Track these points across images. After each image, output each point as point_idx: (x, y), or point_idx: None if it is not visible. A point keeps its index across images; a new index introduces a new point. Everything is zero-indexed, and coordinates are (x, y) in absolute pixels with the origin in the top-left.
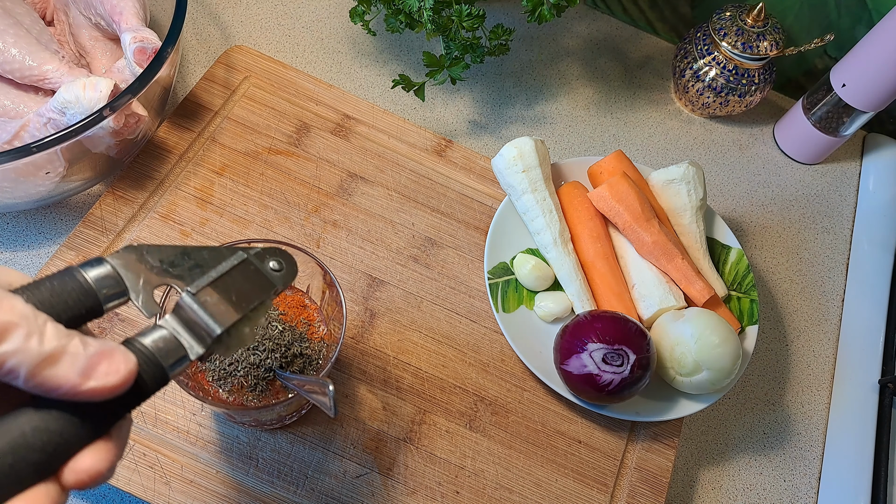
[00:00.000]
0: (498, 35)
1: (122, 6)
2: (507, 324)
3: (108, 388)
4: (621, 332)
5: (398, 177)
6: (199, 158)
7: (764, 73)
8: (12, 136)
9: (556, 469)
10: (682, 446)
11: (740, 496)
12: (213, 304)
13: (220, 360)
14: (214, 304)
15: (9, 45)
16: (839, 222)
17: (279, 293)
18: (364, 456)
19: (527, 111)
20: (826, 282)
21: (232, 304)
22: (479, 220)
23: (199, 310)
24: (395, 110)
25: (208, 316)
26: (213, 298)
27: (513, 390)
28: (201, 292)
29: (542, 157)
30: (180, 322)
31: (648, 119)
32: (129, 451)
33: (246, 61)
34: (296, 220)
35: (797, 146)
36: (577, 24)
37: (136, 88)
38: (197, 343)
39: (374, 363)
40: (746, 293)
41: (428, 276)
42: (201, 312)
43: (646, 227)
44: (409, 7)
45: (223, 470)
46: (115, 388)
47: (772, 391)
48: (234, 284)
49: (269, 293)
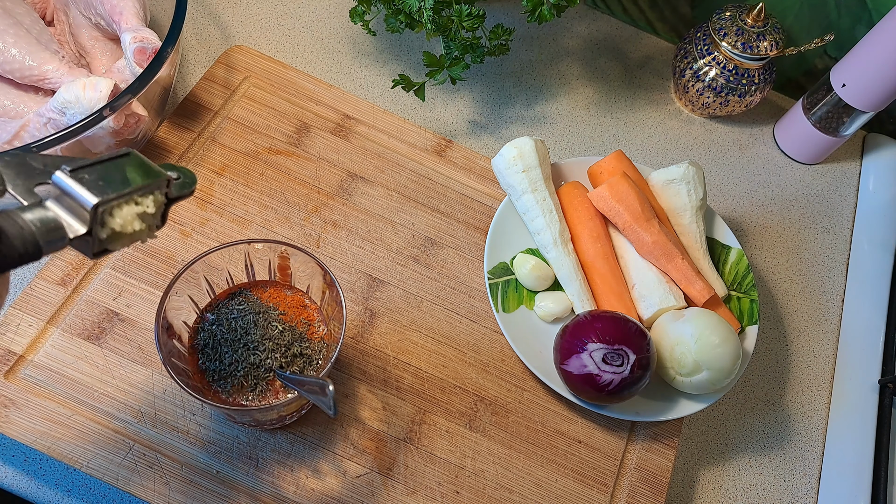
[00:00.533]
0: (498, 35)
1: (122, 6)
2: (507, 324)
3: None
4: (621, 332)
5: (398, 177)
6: (199, 158)
7: (764, 73)
8: (12, 136)
9: (556, 469)
10: (682, 446)
11: (740, 496)
12: (89, 181)
13: (220, 361)
14: (91, 181)
15: (9, 45)
16: (839, 222)
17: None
18: (364, 456)
19: (527, 111)
20: (826, 282)
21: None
22: (479, 220)
23: (74, 184)
24: (395, 110)
25: (84, 189)
26: (92, 177)
27: (513, 390)
28: (78, 171)
29: (542, 157)
30: (61, 206)
31: (648, 119)
32: (129, 451)
33: (246, 61)
34: (296, 220)
35: (797, 146)
36: (577, 24)
37: (136, 88)
38: (77, 222)
39: (374, 363)
40: (746, 293)
41: (428, 276)
42: (76, 186)
43: (646, 227)
44: (409, 7)
45: (223, 470)
46: None
47: (772, 391)
48: (116, 169)
49: (157, 180)
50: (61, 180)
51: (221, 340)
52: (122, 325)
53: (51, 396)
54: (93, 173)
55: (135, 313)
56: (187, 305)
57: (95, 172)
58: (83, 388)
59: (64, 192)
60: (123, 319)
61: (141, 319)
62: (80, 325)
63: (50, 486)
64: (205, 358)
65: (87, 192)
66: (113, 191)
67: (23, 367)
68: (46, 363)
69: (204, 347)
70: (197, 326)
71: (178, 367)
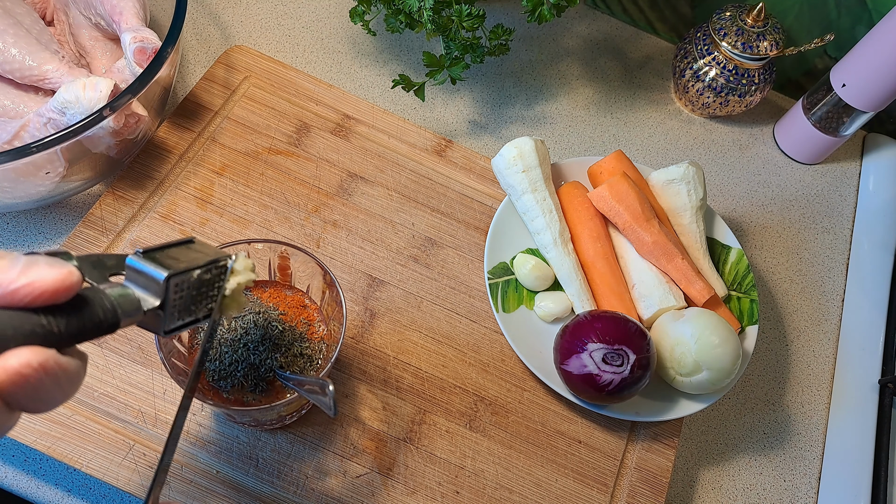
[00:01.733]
0: (498, 35)
1: (122, 6)
2: (507, 324)
3: (43, 286)
4: (621, 332)
5: (398, 177)
6: (199, 158)
7: (764, 73)
8: (12, 136)
9: (556, 469)
10: (682, 446)
11: (740, 496)
12: (159, 259)
13: (220, 361)
14: (161, 258)
15: (9, 45)
16: (839, 222)
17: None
18: (364, 456)
19: (527, 111)
20: (826, 282)
21: (178, 260)
22: (479, 220)
23: (146, 262)
24: (395, 110)
25: (154, 265)
26: (161, 256)
27: (513, 390)
28: (148, 253)
29: (542, 157)
30: (136, 285)
31: (648, 119)
32: (129, 451)
33: (246, 61)
34: (296, 220)
35: (797, 146)
36: (577, 24)
37: (136, 88)
38: (151, 296)
39: (374, 363)
40: (746, 293)
41: (428, 276)
42: (147, 264)
43: (646, 227)
44: (409, 7)
45: (223, 470)
46: (50, 287)
47: (772, 391)
48: (184, 250)
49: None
50: (134, 261)
51: (221, 340)
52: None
53: None
54: (161, 254)
55: None
56: None
57: (164, 253)
58: (83, 388)
59: (137, 271)
60: None
61: None
62: None
63: (50, 486)
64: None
65: (158, 267)
66: (183, 263)
67: None
68: None
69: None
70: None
71: (178, 367)
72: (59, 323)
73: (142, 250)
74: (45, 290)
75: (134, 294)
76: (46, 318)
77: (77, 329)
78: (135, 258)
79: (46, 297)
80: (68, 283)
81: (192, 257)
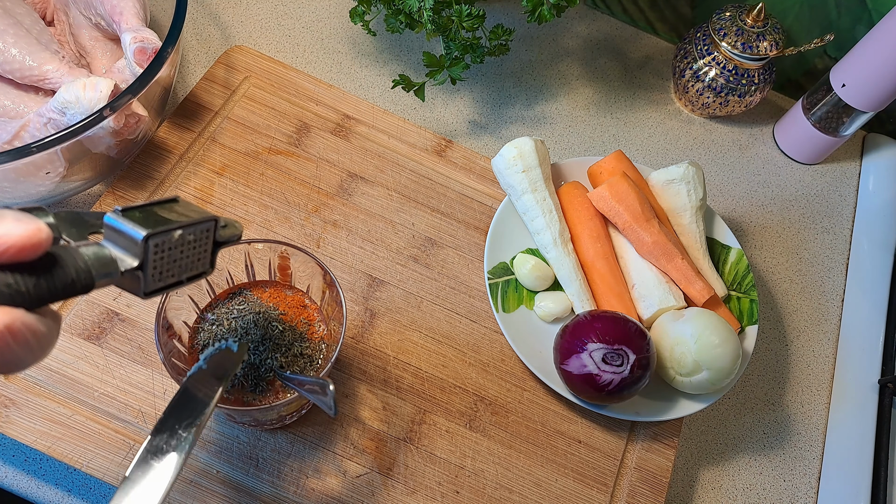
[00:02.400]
0: (498, 35)
1: (123, 6)
2: (507, 324)
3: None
4: (621, 332)
5: (398, 177)
6: (199, 158)
7: (764, 73)
8: (12, 136)
9: (556, 469)
10: (682, 446)
11: (740, 496)
12: (139, 218)
13: None
14: (141, 218)
15: (9, 45)
16: (839, 222)
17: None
18: (364, 456)
19: (527, 111)
20: (826, 282)
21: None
22: (479, 220)
23: (125, 221)
24: (395, 110)
25: (133, 224)
26: (141, 215)
27: (513, 390)
28: (128, 211)
29: (542, 157)
30: (115, 245)
31: (648, 119)
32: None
33: (246, 61)
34: (296, 220)
35: (797, 146)
36: (577, 24)
37: (136, 88)
38: (129, 256)
39: (374, 363)
40: (746, 293)
41: (428, 276)
42: (126, 223)
43: (646, 227)
44: (409, 7)
45: (223, 470)
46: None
47: (772, 391)
48: (165, 210)
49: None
50: (112, 219)
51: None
52: (122, 325)
53: (51, 396)
54: (142, 213)
55: (135, 313)
56: (187, 305)
57: (145, 212)
58: (83, 388)
59: (115, 230)
60: (124, 319)
61: (141, 319)
62: (81, 324)
63: (50, 486)
64: None
65: (137, 226)
66: (166, 221)
67: None
68: (46, 363)
69: (204, 347)
70: (197, 326)
71: (178, 367)
72: (27, 282)
73: (121, 208)
74: (11, 245)
75: (110, 254)
76: (14, 276)
77: (47, 289)
78: (113, 216)
79: (12, 253)
80: (36, 240)
81: (176, 217)
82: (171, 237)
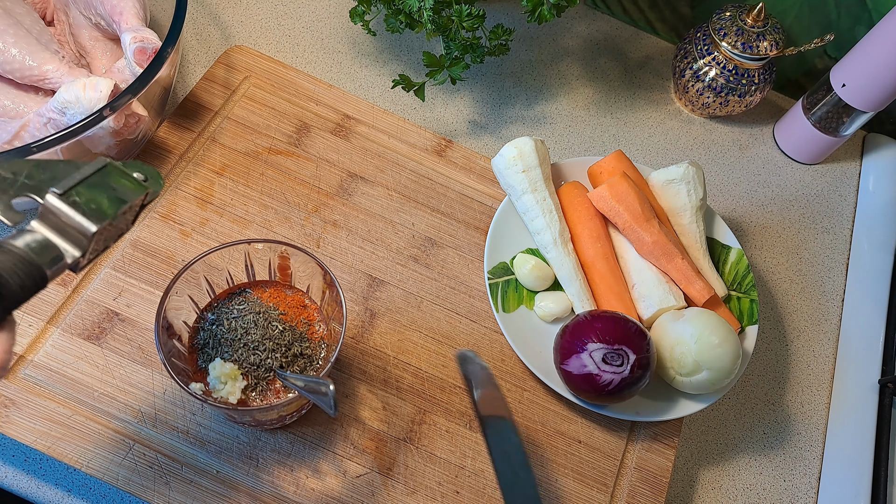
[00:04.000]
0: (498, 35)
1: (123, 6)
2: (507, 324)
3: None
4: (621, 332)
5: (398, 177)
6: (199, 158)
7: (764, 73)
8: (12, 136)
9: (556, 469)
10: (682, 446)
11: (740, 496)
12: (82, 205)
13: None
14: (84, 204)
15: (9, 45)
16: (839, 222)
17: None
18: (364, 456)
19: (527, 111)
20: (826, 282)
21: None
22: (479, 220)
23: (70, 210)
24: (395, 110)
25: (80, 215)
26: (82, 199)
27: (513, 390)
28: (68, 193)
29: (542, 157)
30: (49, 227)
31: (648, 119)
32: (129, 451)
33: (246, 61)
34: (296, 220)
35: (797, 146)
36: (577, 24)
37: (136, 88)
38: (72, 246)
39: (374, 363)
40: (746, 293)
41: (428, 276)
42: (72, 213)
43: (646, 227)
44: (409, 7)
45: (223, 470)
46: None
47: (772, 391)
48: (101, 186)
49: (140, 194)
50: (56, 205)
51: (221, 340)
52: (122, 325)
53: (51, 396)
54: (81, 195)
55: (135, 313)
56: (187, 305)
57: (84, 194)
58: (83, 388)
59: (59, 216)
60: (123, 319)
61: (141, 319)
62: (81, 324)
63: (50, 486)
64: (205, 358)
65: (85, 220)
66: (105, 213)
67: (23, 367)
68: (46, 363)
69: (204, 347)
70: (197, 326)
71: (178, 367)
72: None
73: (59, 190)
74: None
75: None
76: None
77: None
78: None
79: None
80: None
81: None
82: (114, 220)
